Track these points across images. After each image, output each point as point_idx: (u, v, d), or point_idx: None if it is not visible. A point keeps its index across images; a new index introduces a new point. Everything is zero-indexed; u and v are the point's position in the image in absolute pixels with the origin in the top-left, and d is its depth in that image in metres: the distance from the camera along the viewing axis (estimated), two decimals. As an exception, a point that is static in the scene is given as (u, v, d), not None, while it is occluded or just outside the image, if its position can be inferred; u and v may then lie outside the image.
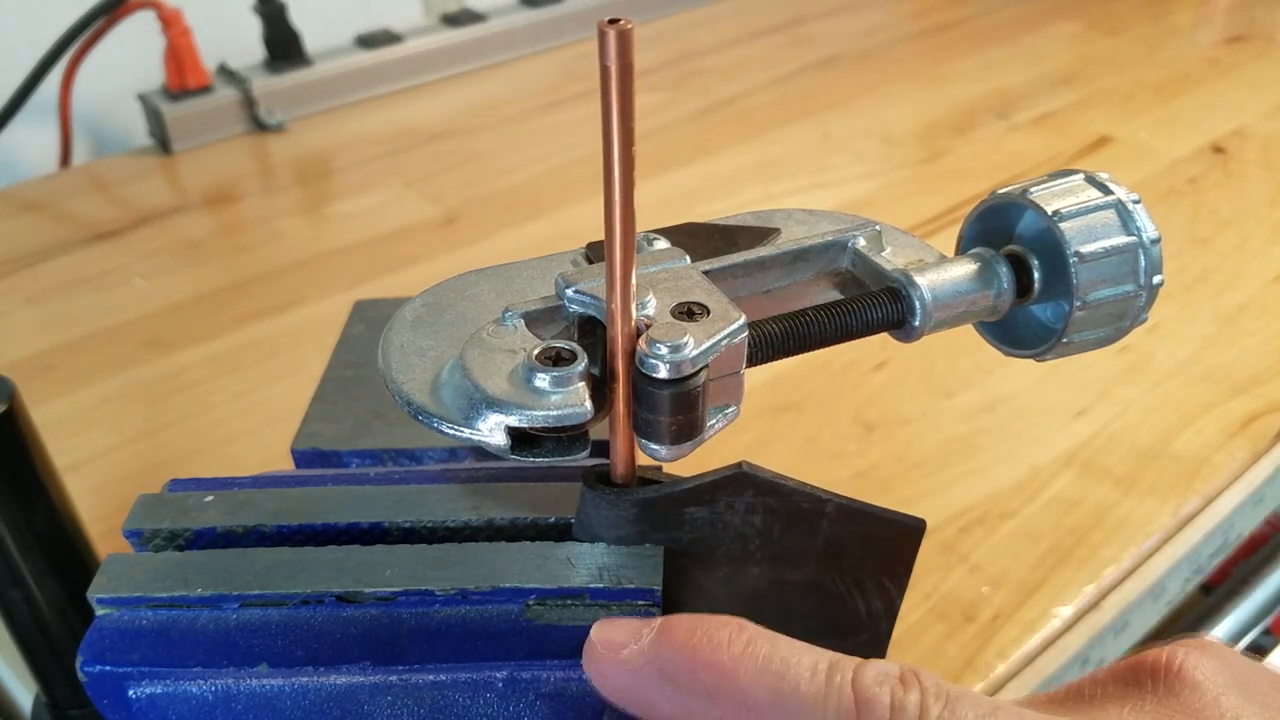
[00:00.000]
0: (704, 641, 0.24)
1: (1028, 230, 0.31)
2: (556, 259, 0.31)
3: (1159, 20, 1.20)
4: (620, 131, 0.22)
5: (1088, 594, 0.53)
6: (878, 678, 0.23)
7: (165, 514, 0.30)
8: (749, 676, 0.24)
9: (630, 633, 0.25)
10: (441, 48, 1.07)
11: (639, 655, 0.25)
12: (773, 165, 0.92)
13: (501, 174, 0.91)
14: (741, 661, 0.24)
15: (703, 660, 0.24)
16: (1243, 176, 0.89)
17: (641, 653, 0.25)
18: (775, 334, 0.29)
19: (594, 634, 0.26)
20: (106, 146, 1.01)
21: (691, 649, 0.24)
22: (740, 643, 0.24)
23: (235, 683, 0.27)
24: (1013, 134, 0.97)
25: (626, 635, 0.25)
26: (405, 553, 0.29)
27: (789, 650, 0.24)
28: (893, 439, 0.62)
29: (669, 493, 0.28)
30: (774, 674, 0.23)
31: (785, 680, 0.23)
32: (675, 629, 0.25)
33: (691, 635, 0.24)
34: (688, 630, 0.25)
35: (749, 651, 0.24)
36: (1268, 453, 0.61)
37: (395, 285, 0.76)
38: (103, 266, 0.80)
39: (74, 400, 0.66)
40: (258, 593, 0.28)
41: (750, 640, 0.24)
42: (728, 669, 0.24)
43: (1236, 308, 0.73)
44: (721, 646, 0.24)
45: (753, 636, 0.24)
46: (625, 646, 0.25)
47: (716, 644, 0.24)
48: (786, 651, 0.24)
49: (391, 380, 0.27)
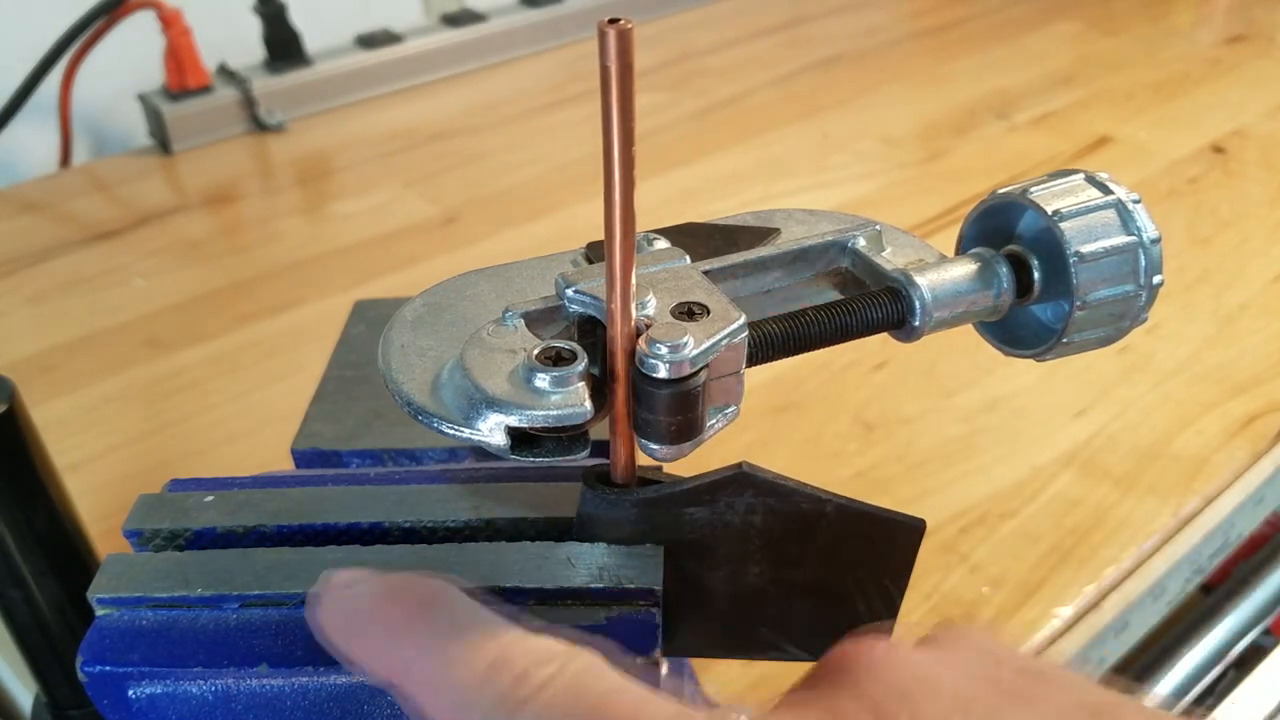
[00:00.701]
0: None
1: (1028, 230, 0.31)
2: (556, 259, 0.31)
3: (1159, 20, 1.20)
4: (620, 131, 0.22)
5: (1088, 594, 0.53)
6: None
7: (165, 514, 0.30)
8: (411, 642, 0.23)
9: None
10: (441, 48, 1.07)
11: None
12: (773, 165, 0.92)
13: (502, 174, 0.91)
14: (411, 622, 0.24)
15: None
16: (1243, 176, 0.89)
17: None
18: (775, 334, 0.29)
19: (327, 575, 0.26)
20: (106, 146, 1.01)
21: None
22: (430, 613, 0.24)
23: (235, 683, 0.27)
24: (1013, 134, 0.97)
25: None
26: (405, 553, 0.29)
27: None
28: (893, 439, 0.62)
29: (669, 493, 0.28)
30: (440, 645, 0.23)
31: (446, 653, 0.23)
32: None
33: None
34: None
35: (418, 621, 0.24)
36: (1268, 453, 0.61)
37: (395, 285, 0.76)
38: (103, 266, 0.80)
39: (74, 400, 0.66)
40: (258, 593, 0.28)
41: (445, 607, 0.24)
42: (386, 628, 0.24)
43: (1236, 308, 0.73)
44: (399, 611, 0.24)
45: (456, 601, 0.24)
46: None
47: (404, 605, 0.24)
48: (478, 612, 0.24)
49: (391, 380, 0.27)
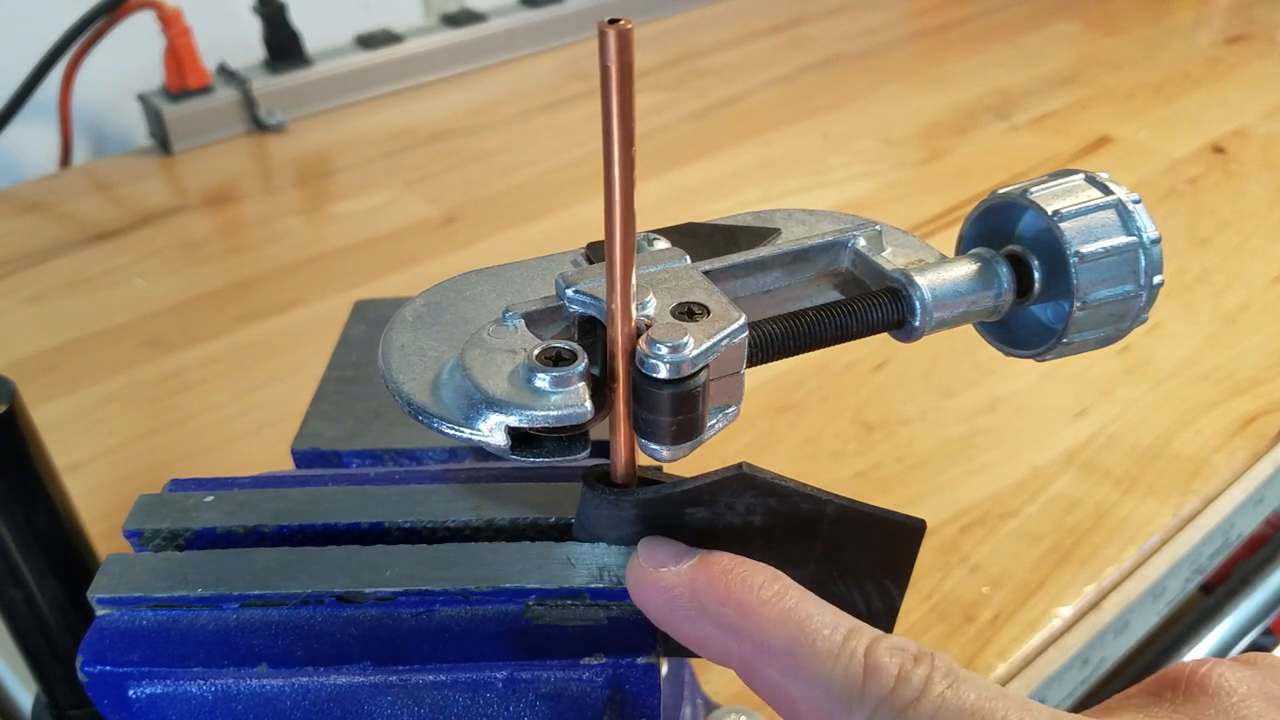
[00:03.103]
0: (738, 579, 0.26)
1: (1028, 230, 0.31)
2: (556, 259, 0.31)
3: (1159, 20, 1.20)
4: (620, 131, 0.21)
5: (1088, 594, 0.53)
6: (891, 649, 0.24)
7: (165, 514, 0.30)
8: (772, 620, 0.25)
9: (674, 555, 0.27)
10: (441, 48, 1.07)
11: (676, 576, 0.26)
12: (773, 165, 0.92)
13: (501, 174, 0.91)
14: (768, 605, 0.25)
15: (733, 596, 0.25)
16: (1243, 176, 0.89)
17: (679, 574, 0.26)
18: (775, 334, 0.29)
19: (640, 548, 0.27)
20: (106, 146, 1.01)
21: (725, 583, 0.26)
22: (771, 590, 0.25)
23: (235, 683, 0.27)
24: (1013, 134, 0.97)
25: (669, 556, 0.27)
26: (405, 553, 0.29)
27: (815, 607, 0.25)
28: (893, 439, 0.62)
29: (669, 493, 0.28)
30: (795, 623, 0.25)
31: (804, 631, 0.25)
32: (715, 561, 0.26)
33: (728, 571, 0.26)
34: (725, 566, 0.26)
35: (777, 598, 0.25)
36: (1268, 453, 0.61)
37: (395, 285, 0.76)
38: (103, 266, 0.80)
39: (74, 400, 0.66)
40: (258, 593, 0.28)
41: (782, 590, 0.26)
42: (754, 608, 0.25)
43: (1236, 308, 0.73)
44: (753, 588, 0.25)
45: (785, 587, 0.26)
46: (666, 565, 0.27)
47: (749, 584, 0.26)
48: (813, 607, 0.25)
49: (391, 380, 0.27)
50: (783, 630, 0.25)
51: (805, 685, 0.24)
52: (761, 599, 0.25)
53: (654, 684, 0.27)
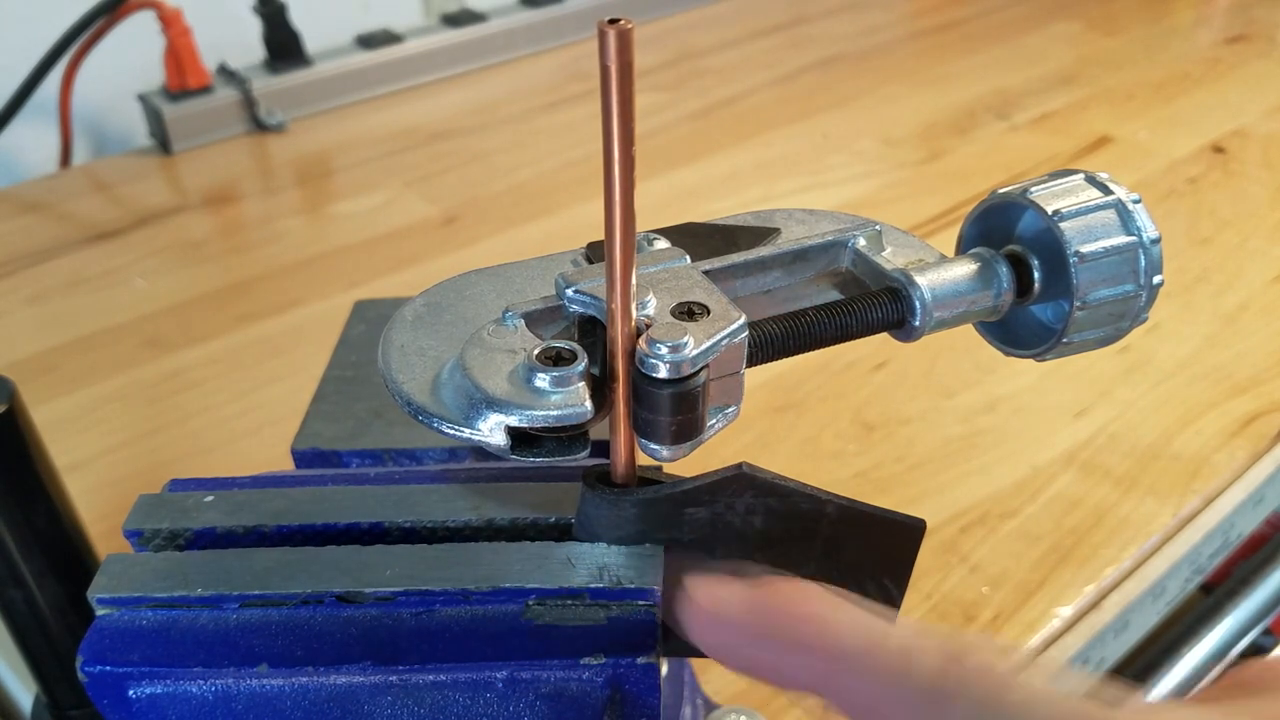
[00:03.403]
0: (801, 596, 0.26)
1: (1028, 230, 0.31)
2: (556, 259, 0.31)
3: (1159, 20, 1.20)
4: (620, 131, 0.22)
5: (1088, 594, 0.53)
6: (966, 645, 0.24)
7: (165, 514, 0.30)
8: (844, 625, 0.25)
9: (728, 587, 0.27)
10: (441, 48, 1.07)
11: (739, 607, 0.26)
12: (773, 165, 0.92)
13: (501, 174, 0.91)
14: (837, 611, 0.25)
15: (801, 611, 0.26)
16: (1243, 176, 0.89)
17: (741, 605, 0.26)
18: (775, 334, 0.29)
19: (695, 594, 0.27)
20: (106, 147, 1.01)
21: (791, 602, 0.26)
22: (831, 599, 0.26)
23: (235, 683, 0.27)
24: (1013, 134, 0.97)
25: (725, 590, 0.27)
26: (405, 553, 0.29)
27: (876, 609, 0.25)
28: (893, 439, 0.62)
29: (669, 493, 0.28)
30: (865, 625, 0.25)
31: (877, 631, 0.25)
32: (771, 583, 0.26)
33: (794, 592, 0.26)
34: (781, 584, 0.26)
35: (842, 605, 0.26)
36: (1268, 453, 0.61)
37: (395, 285, 0.76)
38: (103, 266, 0.80)
39: (74, 400, 0.66)
40: (258, 593, 0.28)
41: (841, 599, 0.26)
42: (826, 617, 0.25)
43: (1236, 308, 0.73)
44: (814, 598, 0.26)
45: (843, 597, 0.26)
46: (726, 601, 0.26)
47: (811, 596, 0.26)
48: (874, 609, 0.25)
49: (391, 380, 0.27)
50: (857, 631, 0.25)
51: (890, 684, 0.24)
52: (829, 606, 0.25)
53: (654, 684, 0.27)
